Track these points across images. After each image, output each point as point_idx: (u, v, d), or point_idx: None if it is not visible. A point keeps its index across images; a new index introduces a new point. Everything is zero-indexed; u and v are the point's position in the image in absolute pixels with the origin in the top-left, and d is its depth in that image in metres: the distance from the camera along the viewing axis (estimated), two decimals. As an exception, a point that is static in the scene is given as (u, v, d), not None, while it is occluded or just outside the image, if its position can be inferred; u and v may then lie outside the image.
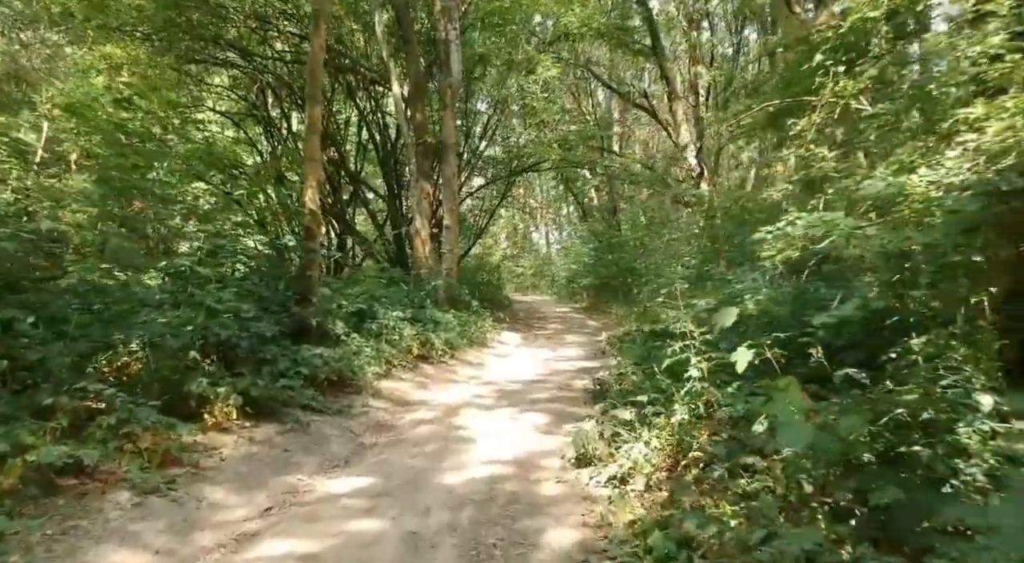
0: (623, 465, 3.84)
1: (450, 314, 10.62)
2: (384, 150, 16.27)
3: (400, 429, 5.53)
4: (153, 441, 4.08)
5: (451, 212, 12.56)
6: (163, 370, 4.79)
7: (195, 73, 16.19)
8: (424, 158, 12.96)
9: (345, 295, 7.58)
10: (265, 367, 5.54)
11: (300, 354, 6.00)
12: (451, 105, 12.32)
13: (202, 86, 16.84)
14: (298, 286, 6.65)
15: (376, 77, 14.61)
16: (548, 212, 35.79)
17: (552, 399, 6.48)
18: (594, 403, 6.12)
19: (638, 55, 18.51)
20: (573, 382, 7.47)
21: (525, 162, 16.69)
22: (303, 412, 5.46)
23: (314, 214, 6.72)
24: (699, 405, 3.56)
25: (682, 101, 17.62)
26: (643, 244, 19.33)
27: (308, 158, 6.73)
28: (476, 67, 14.42)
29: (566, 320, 16.62)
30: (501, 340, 12.00)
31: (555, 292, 27.47)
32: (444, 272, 12.19)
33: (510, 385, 7.37)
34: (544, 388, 7.11)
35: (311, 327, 6.53)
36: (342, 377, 6.30)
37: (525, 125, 16.71)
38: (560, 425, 5.47)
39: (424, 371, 8.03)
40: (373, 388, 6.53)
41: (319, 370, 5.95)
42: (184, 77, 16.02)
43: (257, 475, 4.18)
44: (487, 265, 21.41)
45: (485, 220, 19.10)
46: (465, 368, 8.69)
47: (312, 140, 6.74)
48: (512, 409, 6.09)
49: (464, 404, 6.33)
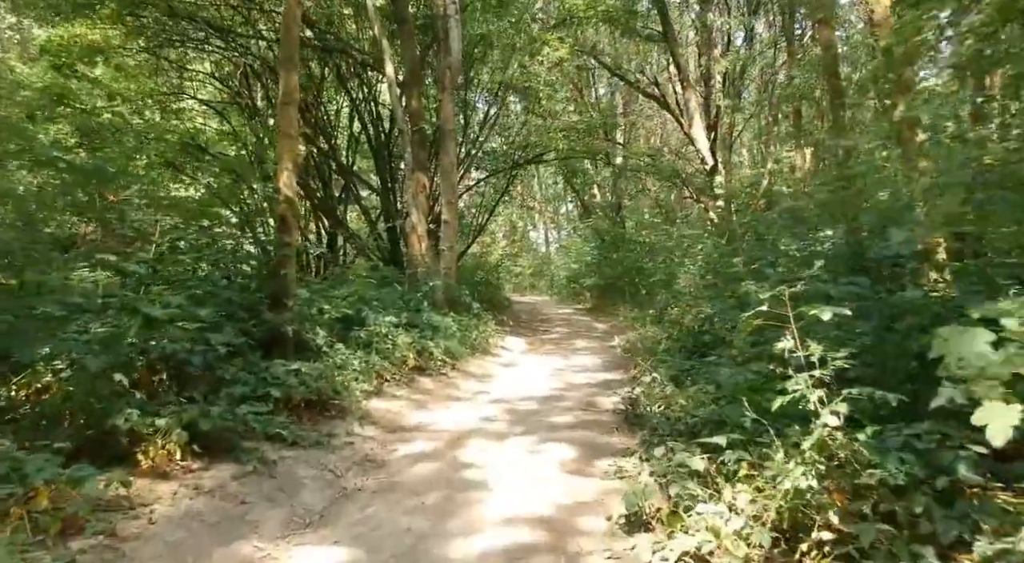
0: (699, 536, 2.77)
1: (449, 318, 9.54)
2: (377, 141, 15.18)
3: (393, 467, 4.43)
4: (52, 502, 2.99)
5: (449, 206, 11.46)
6: (83, 398, 3.69)
7: (175, 59, 15.11)
8: (420, 148, 11.86)
9: (329, 298, 6.48)
10: (224, 389, 4.44)
11: (271, 370, 4.91)
12: (450, 88, 11.22)
13: (182, 74, 15.75)
14: (271, 288, 5.55)
15: (368, 60, 13.50)
16: (547, 210, 34.77)
17: (576, 424, 5.39)
18: (630, 429, 5.05)
19: (647, 41, 17.49)
20: (596, 399, 6.39)
21: (528, 154, 15.61)
22: (271, 445, 4.36)
23: (290, 202, 5.61)
24: (822, 462, 2.47)
25: (695, 90, 16.60)
26: (650, 242, 18.29)
27: (283, 133, 5.62)
28: (477, 48, 13.31)
29: (571, 323, 15.58)
30: (505, 346, 10.92)
31: (555, 292, 26.50)
32: (442, 271, 11.10)
33: (523, 403, 6.28)
34: (563, 408, 6.02)
35: (286, 337, 5.43)
36: (323, 397, 5.20)
37: (529, 112, 15.59)
38: (592, 461, 4.39)
39: (422, 386, 6.93)
40: (361, 410, 5.42)
41: (294, 390, 4.85)
42: (162, 61, 14.94)
43: (196, 545, 3.08)
44: (486, 264, 20.36)
45: (485, 217, 17.98)
46: (468, 381, 7.60)
47: (287, 112, 5.63)
48: (529, 438, 5.00)
49: (471, 431, 5.24)
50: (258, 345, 5.28)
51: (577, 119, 16.90)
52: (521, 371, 8.54)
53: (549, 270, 29.88)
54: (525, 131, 15.63)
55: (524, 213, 33.59)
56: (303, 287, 6.30)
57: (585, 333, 13.30)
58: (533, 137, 14.72)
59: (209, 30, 12.78)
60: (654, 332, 10.32)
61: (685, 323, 9.20)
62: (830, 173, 8.38)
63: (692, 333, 6.41)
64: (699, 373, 5.37)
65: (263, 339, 5.36)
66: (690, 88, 16.16)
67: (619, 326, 13.82)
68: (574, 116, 17.63)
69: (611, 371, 8.16)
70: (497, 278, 19.70)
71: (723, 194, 14.85)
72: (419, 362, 7.40)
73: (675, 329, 9.53)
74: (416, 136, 11.84)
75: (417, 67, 12.16)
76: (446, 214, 11.41)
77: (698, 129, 16.07)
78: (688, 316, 9.53)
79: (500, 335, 11.53)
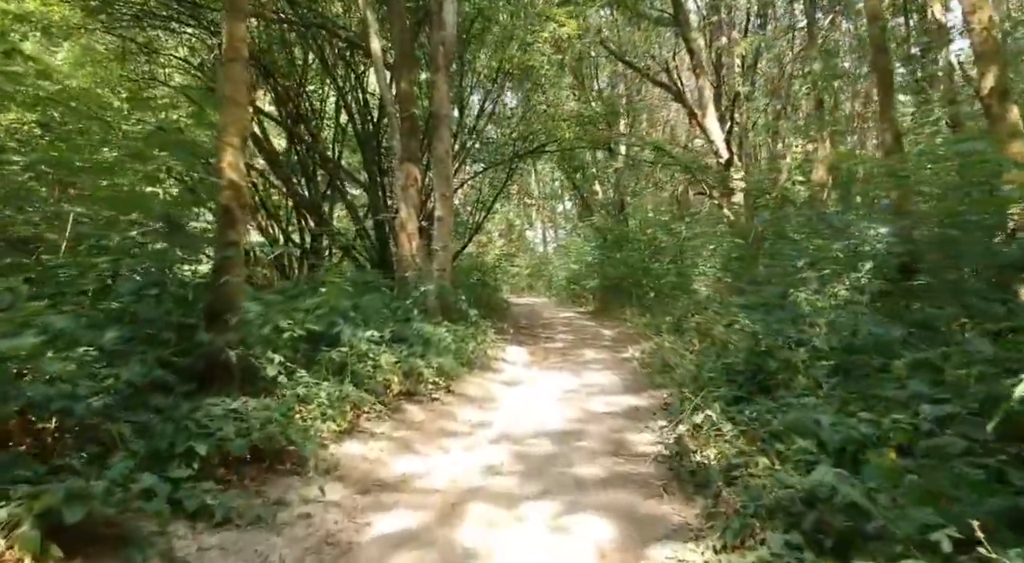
0: None
1: (443, 328, 8.28)
2: (365, 132, 13.90)
3: (362, 556, 3.16)
4: None
5: (444, 200, 10.18)
6: None
7: (143, 43, 13.83)
8: (411, 136, 10.58)
9: (292, 311, 5.19)
10: (119, 449, 3.16)
11: (199, 414, 3.62)
12: (444, 67, 9.94)
13: (151, 58, 14.47)
14: (208, 301, 4.26)
15: (355, 39, 12.21)
16: (545, 208, 33.56)
17: (609, 479, 4.12)
18: (682, 490, 3.79)
19: (657, 25, 16.27)
20: (625, 436, 5.13)
21: (530, 145, 14.34)
22: (191, 527, 3.08)
23: (235, 188, 4.32)
24: None
25: (709, 77, 15.37)
26: (656, 242, 17.06)
27: (227, 99, 4.33)
28: (475, 23, 12.05)
29: (575, 328, 14.34)
30: (506, 358, 9.66)
31: (554, 294, 25.35)
32: (435, 274, 9.83)
33: (534, 443, 5.02)
34: (587, 452, 4.75)
35: (228, 365, 4.13)
36: (274, 446, 3.92)
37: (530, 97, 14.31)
38: (641, 547, 3.14)
39: (409, 417, 5.65)
40: (326, 460, 4.15)
41: (228, 443, 3.57)
42: (128, 43, 13.67)
43: None
44: (482, 265, 19.11)
45: (482, 214, 16.71)
46: (466, 408, 6.32)
47: (233, 71, 4.34)
48: (550, 504, 3.73)
49: (470, 492, 3.95)
50: (190, 377, 4.01)
51: (582, 107, 15.62)
52: (527, 392, 7.28)
53: (547, 271, 28.74)
54: (527, 119, 14.34)
55: (521, 211, 32.38)
56: (255, 299, 4.99)
57: (592, 341, 12.05)
58: (536, 125, 13.42)
59: (174, 4, 11.50)
60: (673, 343, 9.10)
61: (717, 336, 7.97)
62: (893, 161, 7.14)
63: (752, 352, 5.14)
64: (767, 412, 4.12)
65: (197, 369, 4.08)
66: (704, 74, 14.95)
67: (628, 333, 12.59)
68: (577, 103, 16.35)
69: (633, 394, 6.90)
70: (495, 280, 18.48)
71: (742, 189, 13.65)
72: (406, 386, 6.12)
73: (704, 342, 8.30)
74: (406, 123, 10.56)
75: (408, 46, 10.88)
76: (440, 210, 10.14)
77: (712, 120, 14.87)
78: (718, 327, 8.32)
79: (500, 345, 10.27)
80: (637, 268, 15.75)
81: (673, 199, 20.89)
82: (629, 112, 19.06)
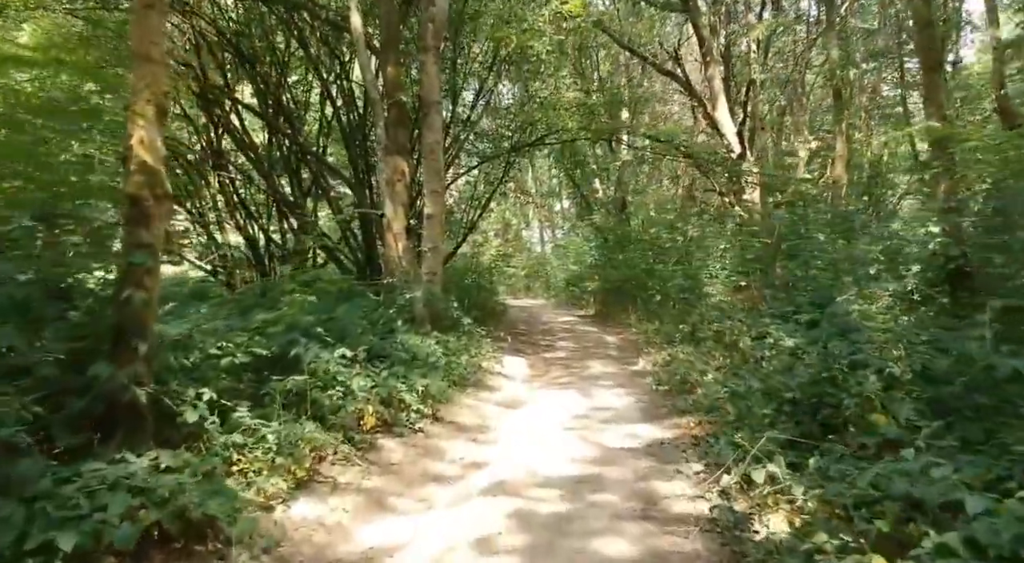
0: None
1: (432, 339, 7.27)
2: (351, 124, 12.87)
3: None
4: None
5: (434, 196, 9.13)
6: None
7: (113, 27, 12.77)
8: (397, 126, 9.56)
9: (230, 332, 4.13)
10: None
11: (73, 486, 2.58)
12: (433, 47, 8.89)
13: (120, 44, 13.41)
14: (111, 322, 3.22)
15: (337, 21, 11.18)
16: (542, 207, 32.52)
17: (642, 561, 3.10)
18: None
19: (664, 10, 15.28)
20: (654, 485, 4.09)
21: (528, 137, 13.31)
22: None
23: (149, 172, 3.27)
24: None
25: (719, 66, 14.35)
26: (659, 240, 16.03)
27: (139, 56, 3.29)
28: (468, 2, 11.02)
29: (577, 334, 13.34)
30: (504, 372, 8.64)
31: (553, 295, 24.36)
32: (424, 278, 8.80)
33: (540, 497, 3.98)
34: (610, 512, 3.71)
35: (135, 406, 3.10)
36: (190, 520, 2.89)
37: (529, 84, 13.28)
38: None
39: (385, 457, 4.62)
40: (263, 535, 3.11)
41: (110, 531, 2.53)
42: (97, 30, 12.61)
43: None
44: (477, 266, 18.06)
45: (477, 212, 15.67)
46: (456, 440, 5.29)
47: (146, 21, 3.29)
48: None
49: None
50: (83, 426, 2.97)
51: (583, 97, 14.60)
52: (528, 417, 6.25)
53: (545, 271, 27.73)
54: (525, 110, 13.30)
55: (518, 210, 31.35)
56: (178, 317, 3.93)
57: (597, 350, 11.05)
58: (537, 114, 12.39)
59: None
60: (689, 354, 8.10)
61: (745, 349, 6.97)
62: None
63: (813, 380, 4.10)
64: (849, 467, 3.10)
65: (95, 414, 3.04)
66: (714, 63, 13.94)
67: (633, 340, 11.62)
68: (578, 94, 15.32)
69: (653, 421, 5.87)
70: (491, 282, 17.45)
71: (757, 184, 12.65)
72: (384, 416, 5.09)
73: (727, 356, 7.29)
74: (393, 110, 9.54)
75: (395, 27, 9.86)
76: (429, 207, 9.10)
77: (723, 111, 13.85)
78: (744, 339, 7.32)
79: (496, 356, 9.25)
80: (641, 270, 14.74)
81: (688, 193, 19.81)
82: (632, 102, 18.02)
